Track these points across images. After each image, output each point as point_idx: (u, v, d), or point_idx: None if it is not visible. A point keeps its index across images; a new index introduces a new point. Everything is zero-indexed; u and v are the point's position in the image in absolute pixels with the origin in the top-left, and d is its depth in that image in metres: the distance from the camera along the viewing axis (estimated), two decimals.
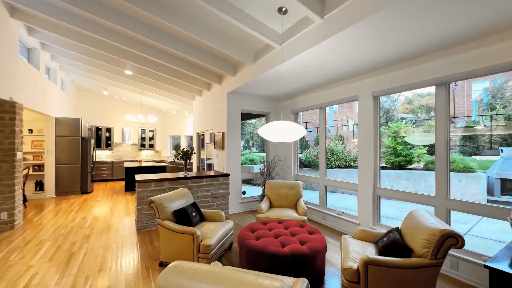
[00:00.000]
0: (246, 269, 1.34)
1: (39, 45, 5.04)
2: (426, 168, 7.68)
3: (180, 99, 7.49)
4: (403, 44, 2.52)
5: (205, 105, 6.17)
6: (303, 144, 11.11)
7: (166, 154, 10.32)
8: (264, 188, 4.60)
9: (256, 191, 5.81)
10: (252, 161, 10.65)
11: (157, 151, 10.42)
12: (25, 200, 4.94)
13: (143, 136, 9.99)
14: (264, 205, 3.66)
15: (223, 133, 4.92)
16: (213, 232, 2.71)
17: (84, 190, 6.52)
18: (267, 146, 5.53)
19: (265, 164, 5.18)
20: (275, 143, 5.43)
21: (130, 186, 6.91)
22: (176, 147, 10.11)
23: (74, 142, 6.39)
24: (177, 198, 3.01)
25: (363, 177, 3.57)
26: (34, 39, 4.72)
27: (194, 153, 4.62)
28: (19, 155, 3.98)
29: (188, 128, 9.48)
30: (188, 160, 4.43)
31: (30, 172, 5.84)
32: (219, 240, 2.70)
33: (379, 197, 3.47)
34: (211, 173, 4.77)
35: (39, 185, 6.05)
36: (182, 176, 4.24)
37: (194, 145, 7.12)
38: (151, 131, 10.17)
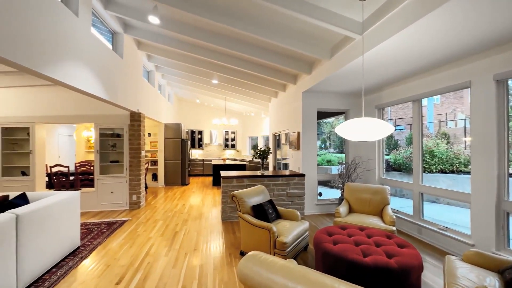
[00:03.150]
0: (321, 272, 1.31)
1: (154, 67, 6.50)
2: None
3: (257, 102, 7.97)
4: None
5: (280, 106, 6.32)
6: (391, 144, 9.66)
7: (246, 154, 11.19)
8: (343, 191, 4.30)
9: (333, 193, 5.49)
10: (329, 162, 10.10)
11: (238, 151, 11.46)
12: (146, 187, 6.47)
13: (226, 137, 11.21)
14: (343, 209, 3.42)
15: (298, 133, 4.90)
16: (288, 230, 2.76)
17: (183, 183, 7.93)
18: (346, 146, 5.13)
19: (344, 165, 4.82)
20: (356, 142, 4.97)
21: (216, 181, 7.89)
22: (254, 147, 10.80)
23: (176, 143, 7.88)
24: (255, 194, 3.23)
25: (480, 186, 2.78)
26: (151, 64, 6.12)
27: (270, 152, 4.82)
28: (143, 153, 5.26)
29: (264, 129, 9.96)
30: (264, 160, 4.66)
31: (149, 166, 7.60)
32: (294, 239, 2.73)
33: (507, 214, 2.62)
34: (287, 172, 4.84)
35: (155, 177, 7.79)
36: (260, 174, 4.50)
37: (270, 145, 7.41)
38: (233, 132, 11.28)
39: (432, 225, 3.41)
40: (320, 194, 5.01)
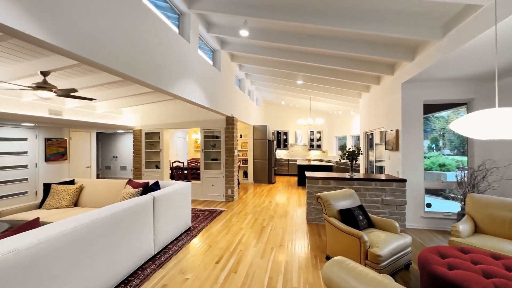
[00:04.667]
0: None
1: (244, 75, 7.22)
2: None
3: (345, 99, 7.40)
4: None
5: (373, 101, 5.61)
6: None
7: (332, 154, 10.59)
8: (465, 204, 3.37)
9: (449, 206, 4.36)
10: (442, 167, 8.07)
11: (323, 151, 11.00)
12: (238, 183, 7.27)
13: (311, 137, 10.99)
14: (464, 227, 2.67)
15: (397, 131, 4.21)
16: (383, 242, 2.43)
17: (270, 181, 8.38)
18: (470, 146, 3.97)
19: (467, 171, 3.75)
20: (486, 142, 3.77)
21: (301, 181, 7.89)
22: (342, 147, 10.06)
23: (263, 143, 8.43)
24: (343, 198, 3.03)
25: None
26: (242, 72, 6.83)
27: (361, 153, 4.37)
28: (235, 152, 5.95)
29: (354, 127, 9.10)
30: (354, 161, 4.28)
31: (241, 164, 8.49)
32: (392, 253, 2.37)
33: None
34: (382, 176, 4.26)
35: (245, 174, 8.63)
36: (348, 176, 4.17)
37: (361, 145, 6.70)
38: (318, 132, 10.92)
39: None
40: (429, 205, 4.10)
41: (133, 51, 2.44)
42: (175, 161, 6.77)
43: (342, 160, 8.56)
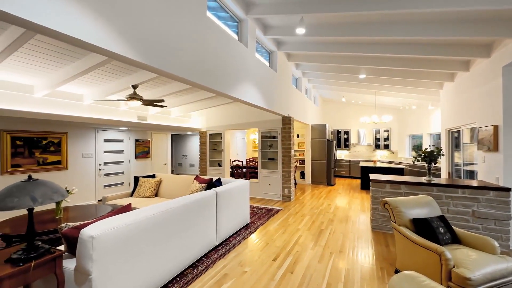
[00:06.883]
0: None
1: (301, 74, 7.08)
2: None
3: (421, 91, 6.36)
4: None
5: (460, 91, 4.64)
6: None
7: (404, 156, 9.25)
8: None
9: None
10: None
11: (392, 152, 9.74)
12: (295, 183, 7.18)
13: (377, 136, 9.89)
14: None
15: (495, 127, 3.36)
16: (475, 263, 1.99)
17: (329, 183, 7.96)
18: None
19: None
20: None
21: (365, 185, 7.19)
22: (416, 147, 8.67)
23: (321, 143, 8.07)
24: (417, 205, 2.62)
25: None
26: (299, 71, 6.72)
27: (442, 154, 3.68)
28: (292, 152, 5.89)
29: (433, 124, 7.72)
30: (433, 163, 3.64)
31: (298, 165, 8.36)
32: (488, 278, 1.91)
33: None
34: (473, 183, 3.48)
35: (302, 174, 8.45)
36: (425, 181, 3.58)
37: (443, 145, 5.63)
38: (386, 131, 9.73)
39: None
40: None
41: (200, 61, 2.73)
42: (235, 160, 7.20)
43: (416, 162, 7.41)
